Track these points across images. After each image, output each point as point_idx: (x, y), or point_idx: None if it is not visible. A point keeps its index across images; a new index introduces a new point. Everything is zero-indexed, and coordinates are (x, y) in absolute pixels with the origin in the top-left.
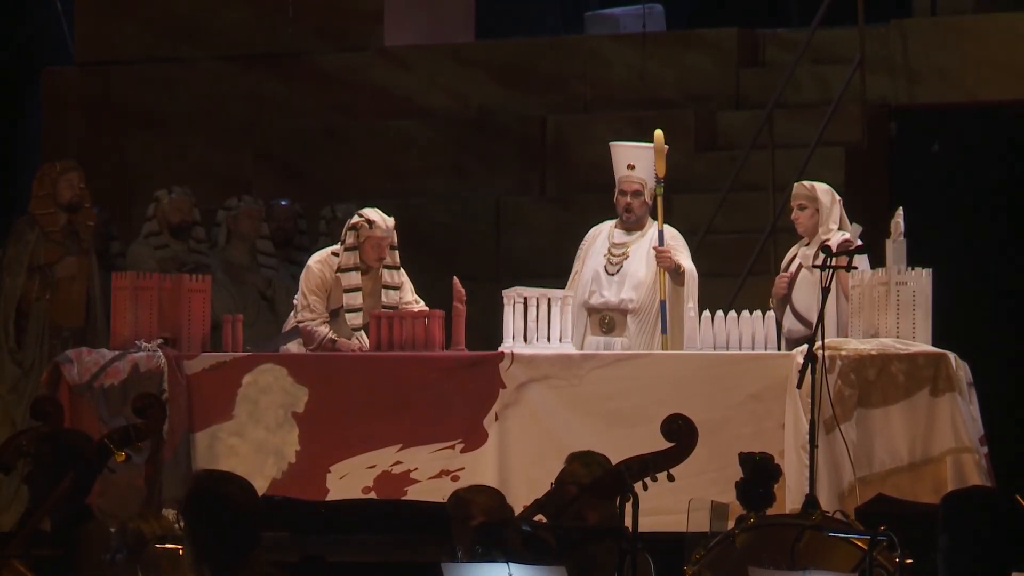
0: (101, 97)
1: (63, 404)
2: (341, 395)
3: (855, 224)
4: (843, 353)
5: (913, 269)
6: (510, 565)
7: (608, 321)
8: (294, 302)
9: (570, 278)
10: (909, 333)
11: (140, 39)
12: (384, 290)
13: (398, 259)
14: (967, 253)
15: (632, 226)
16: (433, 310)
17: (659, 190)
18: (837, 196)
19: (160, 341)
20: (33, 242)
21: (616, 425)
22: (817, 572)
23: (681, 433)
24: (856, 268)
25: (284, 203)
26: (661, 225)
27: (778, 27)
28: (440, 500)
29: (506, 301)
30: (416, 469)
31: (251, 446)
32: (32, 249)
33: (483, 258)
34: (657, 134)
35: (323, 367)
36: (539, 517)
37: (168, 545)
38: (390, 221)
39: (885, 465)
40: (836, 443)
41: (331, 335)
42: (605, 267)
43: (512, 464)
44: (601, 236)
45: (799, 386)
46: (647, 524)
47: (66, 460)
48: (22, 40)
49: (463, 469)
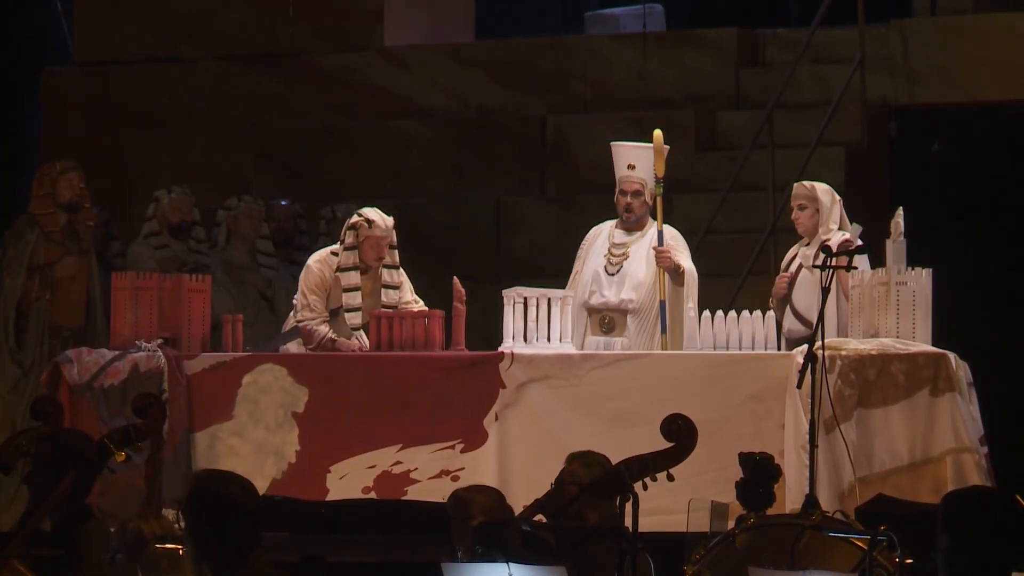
0: (101, 97)
1: (63, 404)
2: (341, 395)
3: (855, 224)
4: (843, 353)
5: (913, 269)
6: (510, 565)
7: (608, 321)
8: (293, 302)
9: (570, 278)
10: (909, 333)
11: (140, 39)
12: (383, 289)
13: (397, 258)
14: (967, 253)
15: (632, 226)
16: (433, 310)
17: (658, 190)
18: (837, 196)
19: (160, 341)
20: (33, 242)
21: (616, 425)
22: (817, 572)
23: (681, 433)
24: (856, 268)
25: (284, 203)
26: (660, 225)
27: (778, 27)
28: (440, 500)
29: (506, 301)
30: (416, 469)
31: (251, 446)
32: (32, 249)
33: (483, 258)
34: (656, 134)
35: (323, 367)
36: (539, 517)
37: (168, 545)
38: (389, 220)
39: (885, 465)
40: (836, 443)
41: (331, 335)
42: (605, 267)
43: (512, 464)
44: (601, 236)
45: (799, 386)
46: (647, 524)
47: (66, 460)
48: (22, 40)
49: (463, 469)
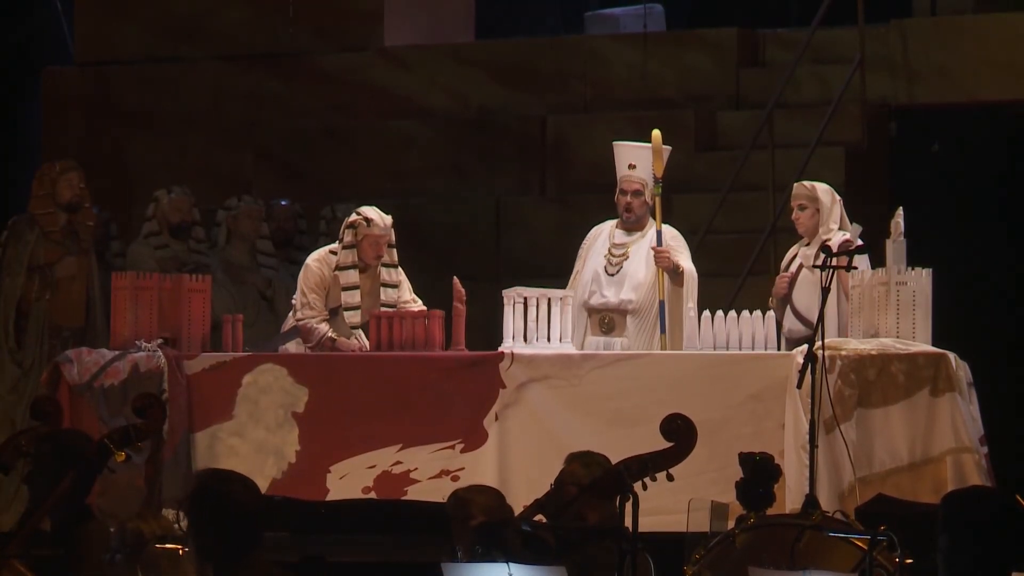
0: (101, 97)
1: (63, 404)
2: (341, 395)
3: (855, 224)
4: (843, 353)
5: (913, 269)
6: (510, 565)
7: (608, 321)
8: (293, 302)
9: (571, 278)
10: (909, 333)
11: (140, 39)
12: (382, 288)
13: (396, 257)
14: (967, 253)
15: (632, 226)
16: (433, 310)
17: (657, 190)
18: (837, 196)
19: (160, 341)
20: (33, 242)
21: (616, 425)
22: (817, 572)
23: (680, 433)
24: (856, 268)
25: (284, 203)
26: (659, 225)
27: (778, 27)
28: (440, 500)
29: (506, 301)
30: (416, 469)
31: (251, 446)
32: (32, 249)
33: (483, 258)
34: (655, 134)
35: (323, 367)
36: (539, 517)
37: (168, 545)
38: (388, 219)
39: (885, 465)
40: (836, 443)
41: (331, 333)
42: (605, 267)
43: (512, 464)
44: (602, 236)
45: (799, 386)
46: (647, 524)
47: (66, 460)
48: (22, 40)
49: (463, 469)
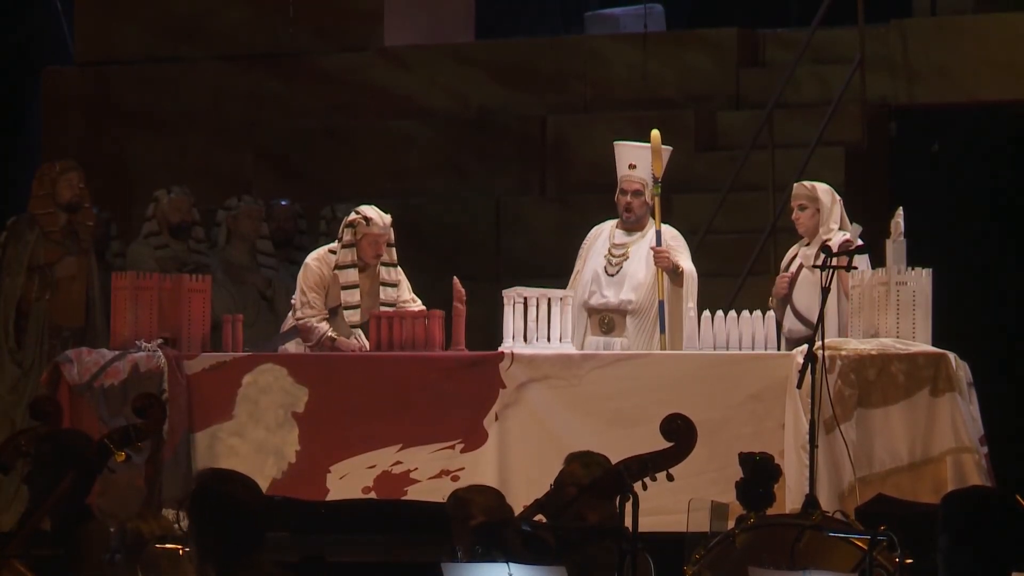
0: (101, 97)
1: (63, 404)
2: (341, 395)
3: (855, 224)
4: (843, 353)
5: (913, 269)
6: (510, 565)
7: (608, 322)
8: (292, 302)
9: (571, 278)
10: (909, 333)
11: (140, 39)
12: (382, 287)
13: (395, 256)
14: (967, 253)
15: (632, 226)
16: (433, 310)
17: (656, 190)
18: (837, 196)
19: (160, 341)
20: (33, 242)
21: (616, 425)
22: (817, 572)
23: (680, 433)
24: (856, 268)
25: (284, 203)
26: (659, 225)
27: (778, 27)
28: (440, 500)
29: (506, 301)
30: (416, 469)
31: (251, 446)
32: (32, 249)
33: (483, 258)
34: (654, 134)
35: (323, 367)
36: (539, 517)
37: (168, 545)
38: (387, 218)
39: (885, 465)
40: (836, 443)
41: (330, 332)
42: (605, 268)
43: (512, 464)
44: (602, 236)
45: (799, 386)
46: (647, 524)
47: (66, 460)
48: (22, 40)
49: (463, 469)
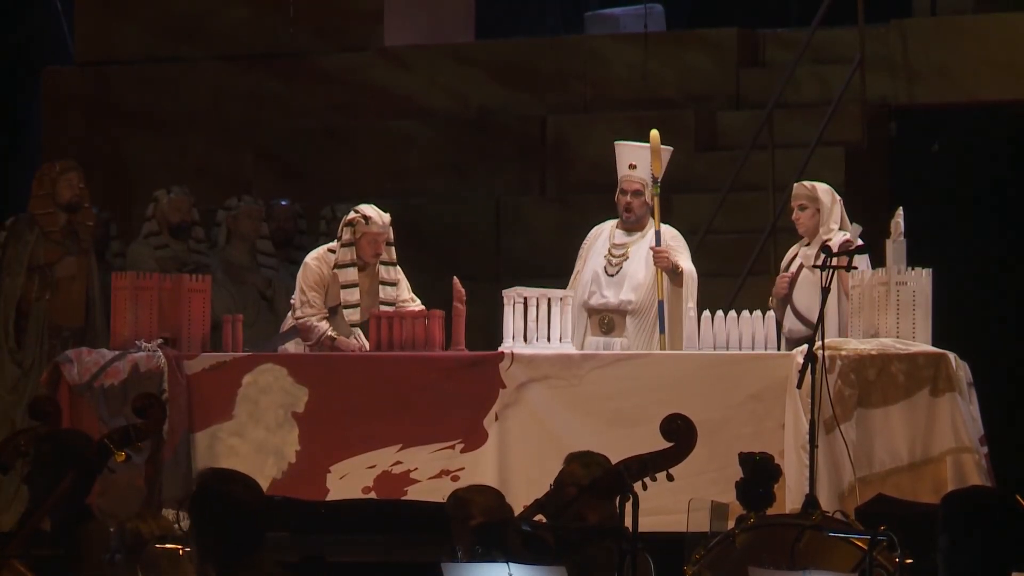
0: (101, 97)
1: (63, 404)
2: (341, 395)
3: (855, 224)
4: (843, 353)
5: (913, 269)
6: (510, 565)
7: (607, 322)
8: (291, 302)
9: (571, 278)
10: (909, 333)
11: (140, 39)
12: (381, 286)
13: (394, 255)
14: (967, 253)
15: (632, 226)
16: (433, 310)
17: (655, 190)
18: (837, 196)
19: (160, 341)
20: (33, 242)
21: (616, 425)
22: (817, 572)
23: (680, 433)
24: (856, 268)
25: (284, 203)
26: (658, 225)
27: (778, 27)
28: (440, 500)
29: (506, 301)
30: (416, 469)
31: (251, 446)
32: (32, 249)
33: (483, 258)
34: (653, 134)
35: (323, 367)
36: (539, 517)
37: (168, 545)
38: (386, 217)
39: (885, 465)
40: (836, 443)
41: (330, 332)
42: (605, 268)
43: (512, 464)
44: (602, 236)
45: (799, 386)
46: (647, 524)
47: (66, 460)
48: (22, 40)
49: (463, 469)
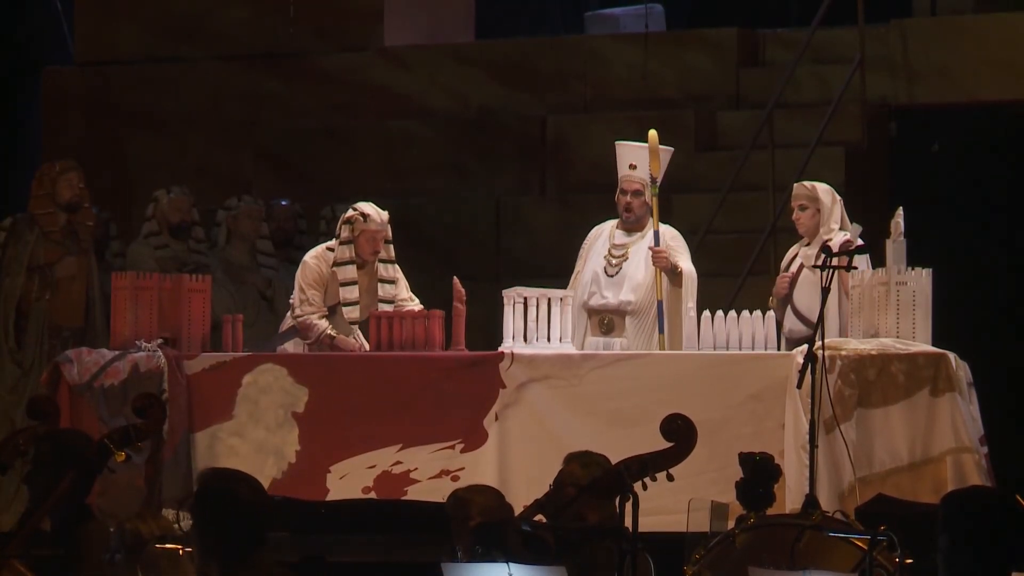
0: (101, 97)
1: (62, 404)
2: (341, 395)
3: (855, 224)
4: (843, 353)
5: (913, 269)
6: (510, 565)
7: (607, 322)
8: (290, 301)
9: (572, 278)
10: (909, 333)
11: (140, 39)
12: (380, 284)
13: (393, 253)
14: (967, 253)
15: (632, 227)
16: (433, 310)
17: (653, 191)
18: (837, 196)
19: (160, 341)
20: (32, 242)
21: (616, 425)
22: (817, 572)
23: (680, 433)
24: (856, 268)
25: (284, 203)
26: (657, 225)
27: (778, 27)
28: (440, 500)
29: (506, 301)
30: (416, 469)
31: (251, 446)
32: (32, 249)
33: (483, 258)
34: (651, 134)
35: (323, 367)
36: (539, 517)
37: (168, 545)
38: (384, 215)
39: (885, 465)
40: (836, 443)
41: (330, 330)
42: (605, 268)
43: (512, 464)
44: (602, 237)
45: (799, 386)
46: (647, 524)
47: (66, 460)
48: (22, 40)
49: (463, 469)
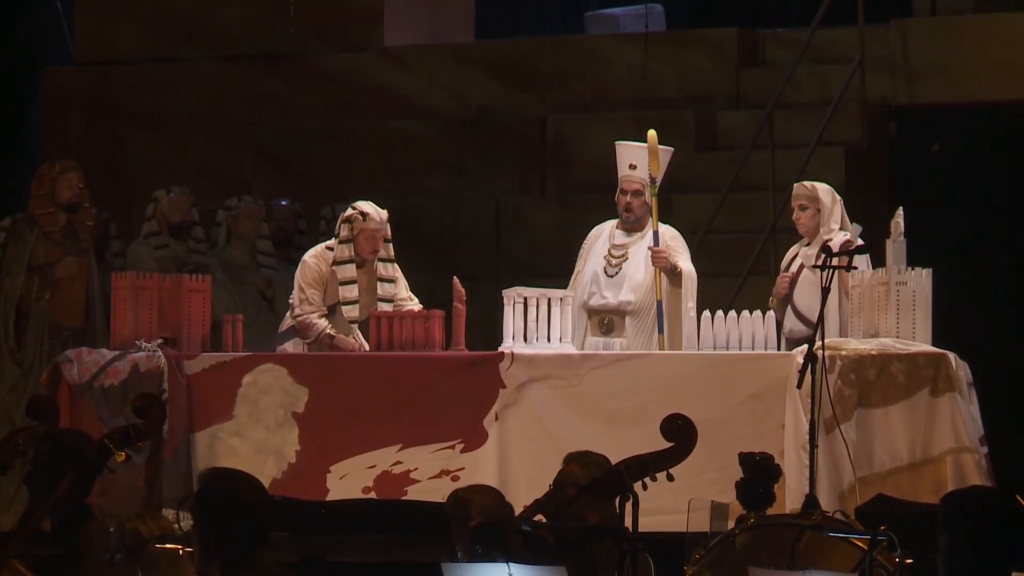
0: (101, 97)
1: (62, 404)
2: (341, 395)
3: (855, 224)
4: (843, 353)
5: (913, 269)
6: (510, 565)
7: (607, 323)
8: (290, 301)
9: (572, 278)
10: (909, 333)
11: (140, 39)
12: (379, 283)
13: (392, 252)
14: (967, 253)
15: (632, 227)
16: (433, 310)
17: (652, 191)
18: (838, 196)
19: (160, 341)
20: (32, 242)
21: (616, 425)
22: (817, 572)
23: (680, 433)
24: (856, 268)
25: (284, 203)
26: (656, 225)
27: (778, 27)
28: (440, 500)
29: (506, 301)
30: (416, 469)
31: (251, 446)
32: (32, 249)
33: (483, 258)
34: (650, 134)
35: (323, 367)
36: (539, 517)
37: (168, 545)
38: (383, 213)
39: (885, 465)
40: (836, 443)
41: (329, 329)
42: (604, 269)
43: (512, 464)
44: (602, 237)
45: (799, 386)
46: (647, 524)
47: (66, 460)
48: (22, 40)
49: (463, 469)
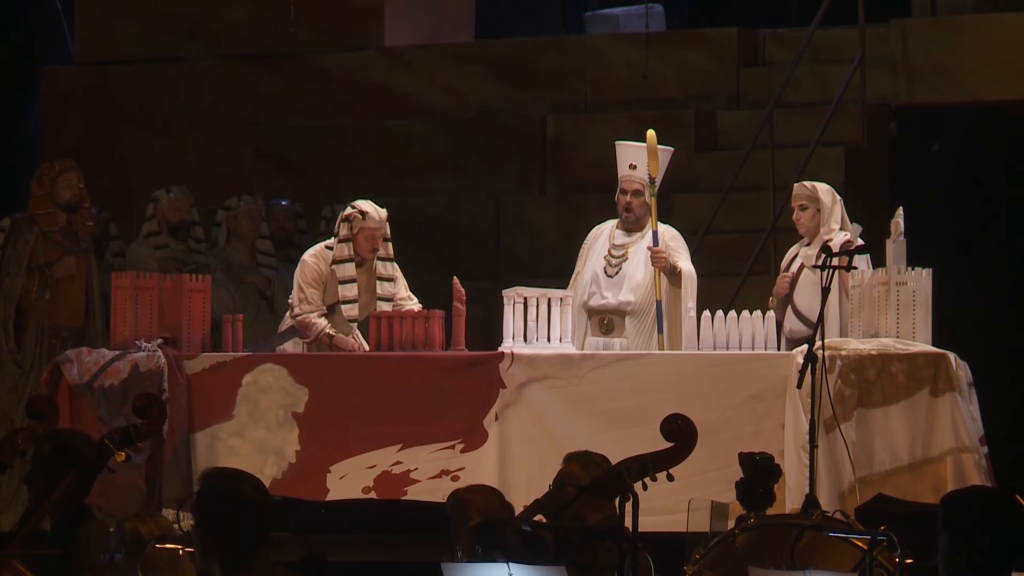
0: (101, 97)
1: (62, 404)
2: (341, 395)
3: (855, 224)
4: (843, 353)
5: (913, 269)
6: (510, 565)
7: (607, 323)
8: (289, 301)
9: (572, 278)
10: (909, 333)
11: (140, 39)
12: (379, 282)
13: (391, 251)
14: (967, 253)
15: (632, 227)
16: (433, 310)
17: (651, 191)
18: (838, 196)
19: (160, 341)
20: (32, 242)
21: (616, 425)
22: (817, 572)
23: (680, 433)
24: (856, 268)
25: (284, 203)
26: (655, 226)
27: (778, 27)
28: (440, 500)
29: (506, 301)
30: (416, 469)
31: (251, 446)
32: (31, 249)
33: (483, 258)
34: (650, 134)
35: (323, 367)
36: (539, 517)
37: (168, 545)
38: (383, 212)
39: (885, 465)
40: (836, 443)
41: (328, 329)
42: (604, 269)
43: (512, 464)
44: (602, 237)
45: (799, 386)
46: (647, 524)
47: (66, 460)
48: (22, 39)
49: (463, 469)
